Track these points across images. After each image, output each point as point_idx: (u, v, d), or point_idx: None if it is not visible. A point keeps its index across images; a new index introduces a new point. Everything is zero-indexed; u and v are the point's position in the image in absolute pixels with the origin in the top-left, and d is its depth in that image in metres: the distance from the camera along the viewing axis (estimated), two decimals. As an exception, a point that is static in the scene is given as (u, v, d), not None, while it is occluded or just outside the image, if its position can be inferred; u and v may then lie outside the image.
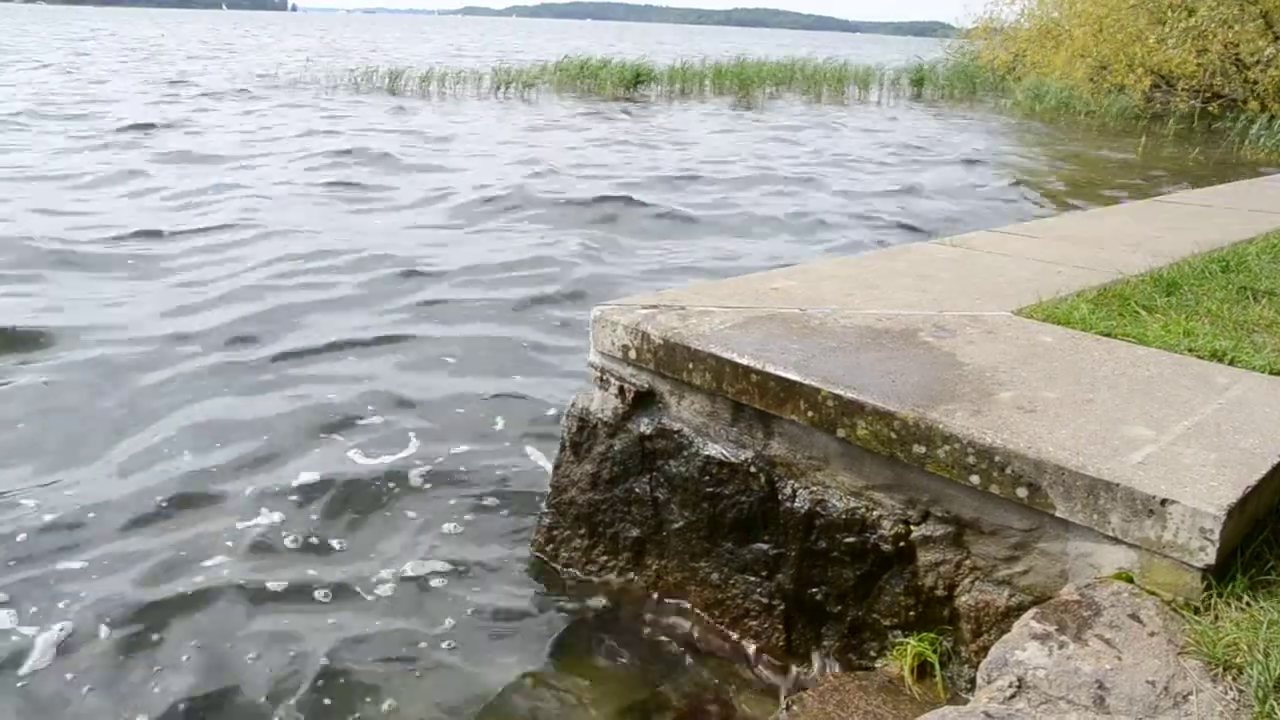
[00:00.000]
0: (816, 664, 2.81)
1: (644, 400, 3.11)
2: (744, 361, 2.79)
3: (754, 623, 2.93)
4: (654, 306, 3.23)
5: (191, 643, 3.03)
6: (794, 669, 2.86)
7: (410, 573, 3.44)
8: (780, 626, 2.87)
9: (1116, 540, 2.18)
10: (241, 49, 34.94)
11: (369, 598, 3.30)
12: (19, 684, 2.84)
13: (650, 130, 17.28)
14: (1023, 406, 2.52)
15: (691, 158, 13.86)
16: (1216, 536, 2.03)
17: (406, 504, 3.91)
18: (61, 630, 3.05)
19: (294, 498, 3.94)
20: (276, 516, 3.80)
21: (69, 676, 2.88)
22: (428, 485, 4.07)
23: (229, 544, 3.58)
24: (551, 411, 4.73)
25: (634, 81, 25.36)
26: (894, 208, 10.81)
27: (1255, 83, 21.26)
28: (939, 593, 2.53)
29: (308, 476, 4.09)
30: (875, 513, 2.63)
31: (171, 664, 2.95)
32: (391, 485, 4.04)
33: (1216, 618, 2.02)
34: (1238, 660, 1.89)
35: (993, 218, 9.83)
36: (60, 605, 3.18)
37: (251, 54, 32.24)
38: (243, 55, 30.80)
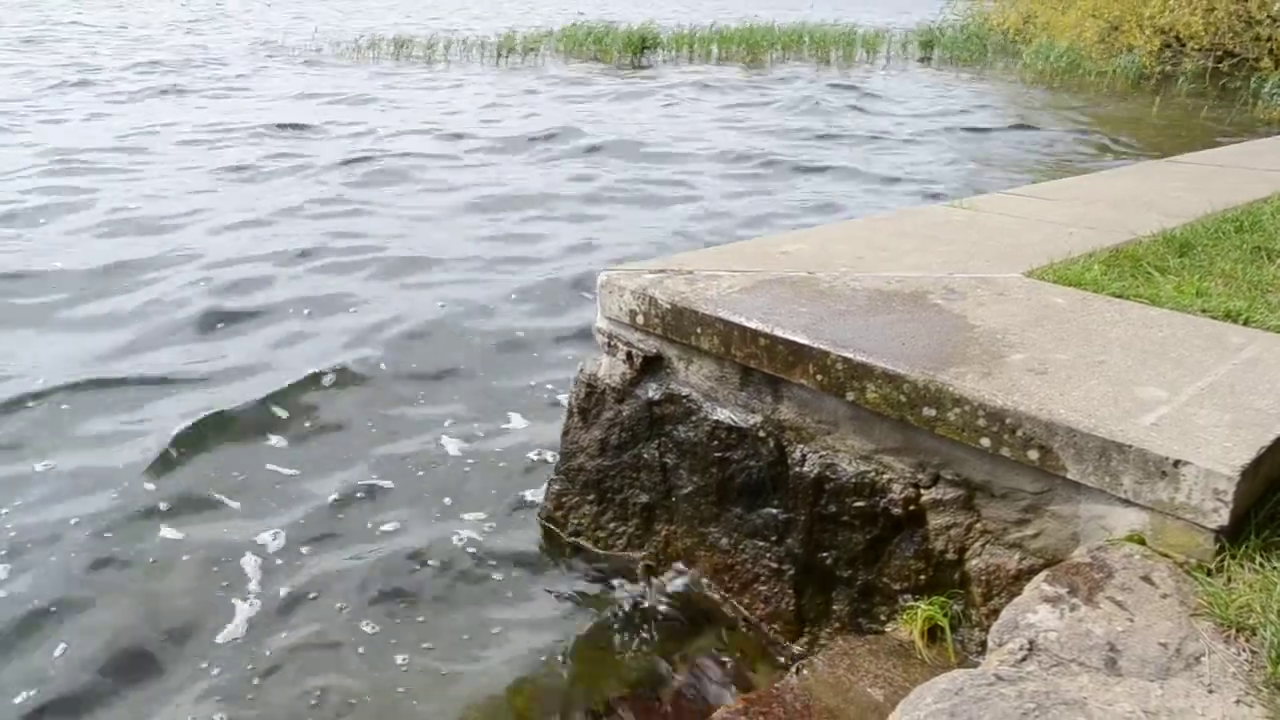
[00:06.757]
0: (826, 628, 2.81)
1: (652, 365, 3.09)
2: (752, 325, 2.76)
3: (763, 588, 2.93)
4: (661, 271, 3.20)
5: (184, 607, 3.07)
6: (804, 634, 2.86)
7: (418, 541, 3.44)
8: (790, 591, 2.87)
9: (1128, 502, 2.16)
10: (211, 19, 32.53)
11: (371, 561, 3.31)
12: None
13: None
14: (1034, 368, 2.49)
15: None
16: (1230, 498, 2.01)
17: (409, 472, 3.92)
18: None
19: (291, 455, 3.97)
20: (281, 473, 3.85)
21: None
22: (437, 450, 4.07)
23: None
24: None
25: (640, 47, 25.05)
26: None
27: (1268, 39, 20.88)
28: (949, 556, 2.53)
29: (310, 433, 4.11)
30: (885, 476, 2.61)
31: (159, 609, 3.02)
32: (397, 450, 4.05)
33: (1229, 579, 2.01)
34: (1250, 622, 1.88)
35: (1000, 181, 9.76)
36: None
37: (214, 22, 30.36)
38: (228, 26, 29.36)
